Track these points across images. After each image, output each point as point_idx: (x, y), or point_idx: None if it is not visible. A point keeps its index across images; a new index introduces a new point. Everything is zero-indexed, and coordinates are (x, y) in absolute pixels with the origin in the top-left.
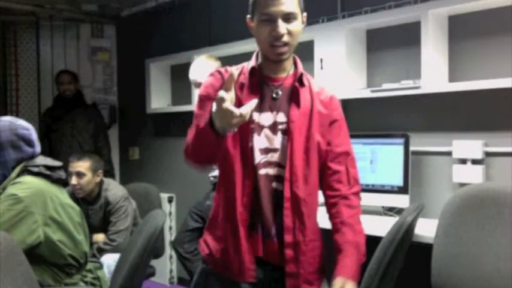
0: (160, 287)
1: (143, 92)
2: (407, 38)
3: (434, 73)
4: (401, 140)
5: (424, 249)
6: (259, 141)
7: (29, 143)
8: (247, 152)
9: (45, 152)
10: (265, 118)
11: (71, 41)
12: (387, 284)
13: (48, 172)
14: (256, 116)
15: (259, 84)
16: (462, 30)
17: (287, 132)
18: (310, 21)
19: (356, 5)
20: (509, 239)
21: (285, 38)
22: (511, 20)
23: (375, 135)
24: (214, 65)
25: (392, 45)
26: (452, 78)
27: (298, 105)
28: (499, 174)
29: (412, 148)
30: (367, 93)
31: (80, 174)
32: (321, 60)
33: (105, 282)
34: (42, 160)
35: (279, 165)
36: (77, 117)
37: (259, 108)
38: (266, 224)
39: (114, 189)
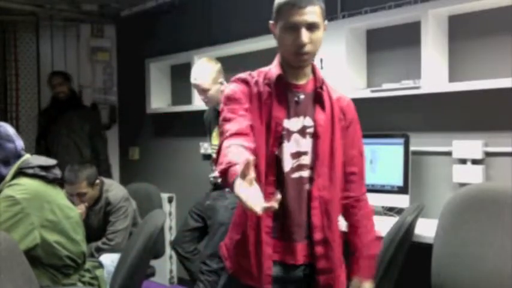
0: (160, 287)
1: (143, 92)
2: (407, 38)
3: (434, 73)
4: (401, 140)
5: (424, 249)
6: (289, 147)
7: (7, 138)
8: (272, 160)
9: (42, 153)
10: (294, 123)
11: (71, 41)
12: (387, 284)
13: (43, 173)
14: (286, 123)
15: (284, 91)
16: (462, 30)
17: (314, 136)
18: None
19: (356, 5)
20: (509, 239)
21: (308, 47)
22: (511, 20)
23: (375, 135)
24: (216, 67)
25: (392, 45)
26: (452, 78)
27: (323, 109)
28: (499, 174)
29: (412, 148)
30: (367, 93)
31: (81, 195)
32: (321, 60)
33: (103, 281)
34: (35, 160)
35: (310, 167)
36: (72, 118)
37: (287, 115)
38: (295, 226)
39: (115, 190)
